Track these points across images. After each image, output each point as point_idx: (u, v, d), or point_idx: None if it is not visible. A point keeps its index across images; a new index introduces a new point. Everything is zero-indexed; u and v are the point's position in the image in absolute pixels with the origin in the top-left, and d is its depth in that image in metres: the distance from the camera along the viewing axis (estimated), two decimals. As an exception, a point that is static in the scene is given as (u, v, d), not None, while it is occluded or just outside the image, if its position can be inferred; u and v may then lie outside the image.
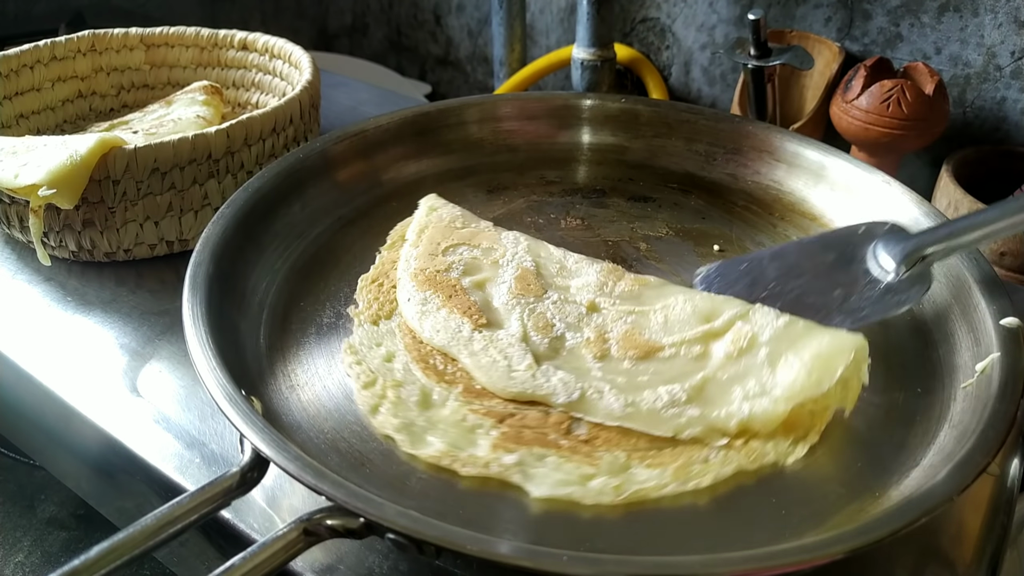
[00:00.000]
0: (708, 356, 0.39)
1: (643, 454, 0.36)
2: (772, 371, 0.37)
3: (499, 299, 0.44)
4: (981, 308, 0.41)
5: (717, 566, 0.28)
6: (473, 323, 0.42)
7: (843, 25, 0.76)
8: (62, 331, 0.48)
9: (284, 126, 0.55)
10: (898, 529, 0.29)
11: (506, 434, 0.37)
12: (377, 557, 0.35)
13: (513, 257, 0.46)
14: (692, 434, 0.36)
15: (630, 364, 0.40)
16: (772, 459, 0.36)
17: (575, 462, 0.36)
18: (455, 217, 0.49)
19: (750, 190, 0.56)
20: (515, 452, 0.36)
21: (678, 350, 0.40)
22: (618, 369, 0.39)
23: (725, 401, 0.37)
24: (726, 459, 0.36)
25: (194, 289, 0.40)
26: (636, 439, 0.37)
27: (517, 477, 0.35)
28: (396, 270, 0.47)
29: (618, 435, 0.37)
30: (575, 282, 0.45)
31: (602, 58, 0.78)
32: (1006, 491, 0.38)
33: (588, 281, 0.44)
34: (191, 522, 0.31)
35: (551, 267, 0.46)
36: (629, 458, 0.36)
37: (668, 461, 0.36)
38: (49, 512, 0.62)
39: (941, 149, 0.71)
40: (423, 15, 1.12)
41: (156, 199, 0.50)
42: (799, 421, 0.37)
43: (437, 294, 0.44)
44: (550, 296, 0.44)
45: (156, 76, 0.70)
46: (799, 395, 0.36)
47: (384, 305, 0.45)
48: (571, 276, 0.45)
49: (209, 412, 0.42)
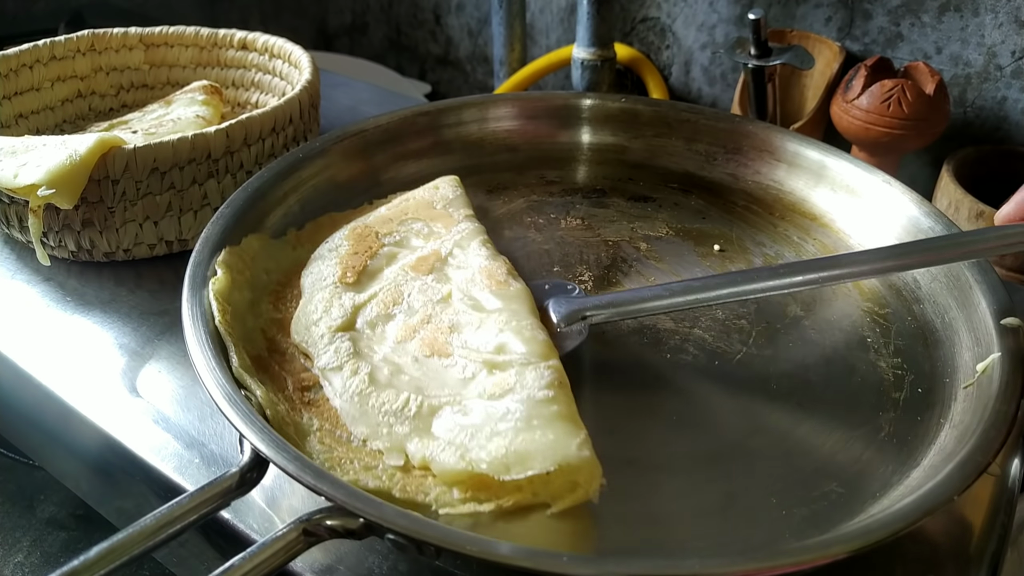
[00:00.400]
0: (474, 382, 0.37)
1: (329, 436, 0.36)
2: (491, 432, 0.34)
3: (390, 270, 0.44)
4: (981, 308, 0.41)
5: (717, 566, 0.28)
6: (341, 277, 0.43)
7: (843, 25, 0.76)
8: (61, 331, 0.48)
9: (284, 126, 0.55)
10: (899, 529, 0.29)
11: (260, 358, 0.39)
12: (377, 557, 0.35)
13: (440, 242, 0.46)
14: (377, 447, 0.35)
15: (412, 358, 0.39)
16: (425, 502, 0.33)
17: (278, 408, 0.36)
18: (446, 199, 0.50)
19: (750, 190, 0.56)
20: (251, 376, 0.37)
21: (458, 363, 0.38)
22: (398, 360, 0.39)
23: (434, 435, 0.35)
24: (381, 476, 0.34)
25: (194, 289, 0.40)
26: (343, 424, 0.37)
27: (234, 361, 0.37)
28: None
29: (334, 412, 0.37)
30: (461, 272, 0.44)
31: (602, 58, 0.78)
32: (1007, 491, 0.38)
33: (467, 274, 0.43)
34: (191, 522, 0.30)
35: (460, 256, 0.45)
36: (318, 430, 0.36)
37: (341, 451, 0.35)
38: (48, 512, 0.62)
39: (941, 149, 0.71)
40: (423, 15, 1.12)
41: (155, 199, 0.50)
42: (487, 485, 0.33)
43: (349, 244, 0.46)
44: (429, 277, 0.43)
45: (155, 76, 0.70)
46: (485, 468, 0.33)
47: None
48: (465, 267, 0.44)
49: (208, 412, 0.42)
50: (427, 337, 0.40)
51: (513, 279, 0.43)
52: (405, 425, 0.36)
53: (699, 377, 0.41)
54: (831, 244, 0.51)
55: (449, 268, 0.44)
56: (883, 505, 0.33)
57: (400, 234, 0.47)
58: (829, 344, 0.44)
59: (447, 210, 0.49)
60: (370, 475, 0.34)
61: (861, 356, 0.43)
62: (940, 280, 0.45)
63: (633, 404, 0.37)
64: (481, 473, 0.33)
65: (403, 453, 0.35)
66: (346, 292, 0.43)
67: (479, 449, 0.34)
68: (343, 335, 0.40)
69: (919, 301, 0.46)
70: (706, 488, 0.36)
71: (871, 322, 0.45)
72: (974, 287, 0.42)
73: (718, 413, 0.39)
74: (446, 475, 0.34)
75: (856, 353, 0.43)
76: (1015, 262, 0.61)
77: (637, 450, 0.37)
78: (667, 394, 0.40)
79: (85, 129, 0.63)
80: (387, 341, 0.40)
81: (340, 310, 0.42)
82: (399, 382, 0.38)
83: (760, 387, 0.41)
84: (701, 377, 0.41)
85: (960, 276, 0.43)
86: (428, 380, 0.38)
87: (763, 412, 0.39)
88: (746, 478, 0.36)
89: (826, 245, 0.51)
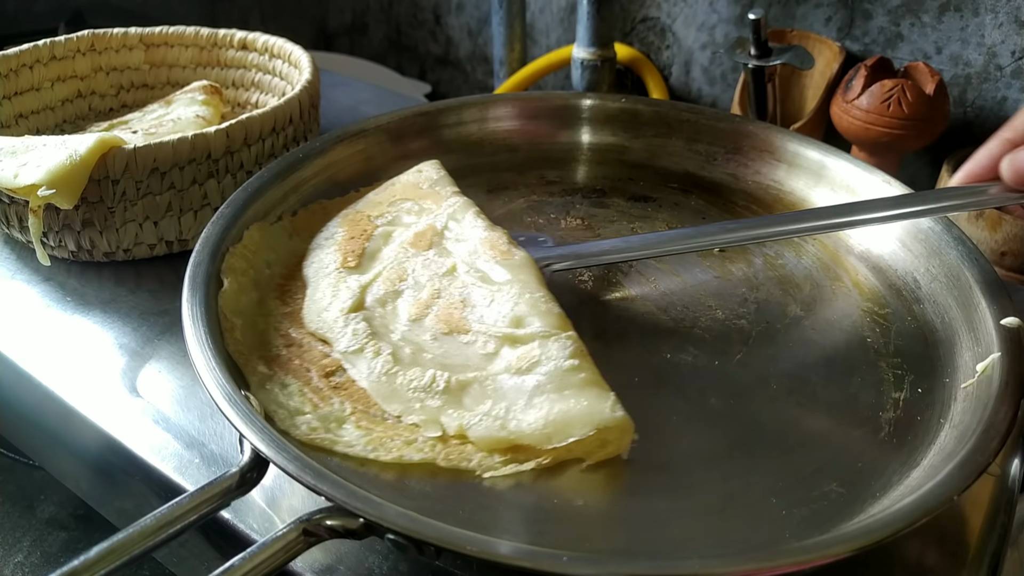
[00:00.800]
0: (497, 357, 0.39)
1: (364, 417, 0.37)
2: (526, 404, 0.36)
3: (389, 248, 0.45)
4: (981, 308, 0.41)
5: (717, 566, 0.28)
6: (342, 262, 0.44)
7: (843, 25, 0.76)
8: (61, 331, 0.48)
9: (284, 126, 0.55)
10: (899, 529, 0.29)
11: (280, 356, 0.39)
12: (377, 557, 0.35)
13: (434, 216, 0.47)
14: (413, 421, 0.37)
15: (431, 336, 0.40)
16: (471, 467, 0.35)
17: (306, 397, 0.37)
18: (431, 180, 0.51)
19: (750, 190, 0.56)
20: (271, 371, 0.38)
21: (477, 339, 0.39)
22: (417, 338, 0.40)
23: (468, 408, 0.37)
24: (423, 448, 0.36)
25: (194, 289, 0.40)
26: (375, 403, 0.38)
27: (254, 382, 0.37)
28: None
29: (364, 392, 0.38)
30: (461, 245, 0.45)
31: (602, 58, 0.78)
32: (1007, 491, 0.38)
33: (470, 247, 0.44)
34: (190, 522, 0.30)
35: (456, 228, 0.46)
36: (352, 414, 0.37)
37: (378, 430, 0.36)
38: (49, 512, 0.62)
39: (941, 149, 0.71)
40: (423, 15, 1.12)
41: (155, 199, 0.50)
42: (525, 449, 0.36)
43: (344, 231, 0.46)
44: (430, 252, 0.44)
45: (155, 76, 0.70)
46: (527, 439, 0.35)
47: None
48: (464, 239, 0.45)
49: (208, 412, 0.42)
50: (442, 314, 0.41)
51: (515, 248, 0.44)
52: (436, 399, 0.37)
53: (699, 377, 0.41)
54: (831, 244, 0.51)
55: (448, 242, 0.45)
56: (883, 505, 0.33)
57: (392, 215, 0.48)
58: (829, 344, 0.44)
59: (434, 189, 0.50)
60: (412, 449, 0.36)
61: (861, 356, 0.43)
62: (940, 280, 0.45)
63: (633, 404, 0.36)
64: (523, 443, 0.35)
65: (439, 424, 0.36)
66: (350, 275, 0.43)
67: (517, 420, 0.36)
68: (356, 315, 0.41)
69: (919, 301, 0.46)
70: (706, 488, 0.36)
71: (871, 322, 0.45)
72: (974, 287, 0.42)
73: (718, 413, 0.39)
74: (486, 443, 0.36)
75: (856, 353, 0.43)
76: (1015, 262, 0.61)
77: (637, 450, 0.37)
78: (667, 394, 0.40)
79: (85, 129, 0.63)
80: (400, 318, 0.41)
81: (348, 292, 0.42)
82: (423, 360, 0.39)
83: (760, 387, 0.41)
84: (701, 377, 0.41)
85: (960, 276, 0.43)
86: (451, 358, 0.39)
87: (763, 412, 0.39)
88: (746, 478, 0.36)
89: (826, 245, 0.51)
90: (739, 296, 0.47)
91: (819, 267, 0.49)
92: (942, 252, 0.45)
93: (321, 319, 0.41)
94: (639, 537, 0.33)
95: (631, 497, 0.35)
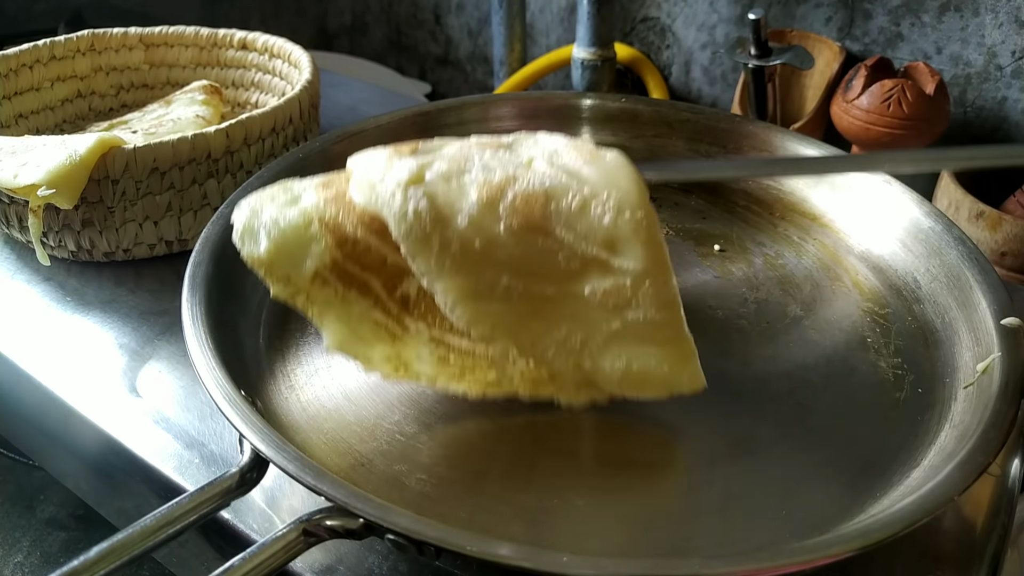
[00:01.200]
0: (581, 280, 0.34)
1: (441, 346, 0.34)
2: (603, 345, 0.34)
3: (449, 146, 0.37)
4: (981, 308, 0.41)
5: (717, 566, 0.28)
6: (396, 149, 0.36)
7: (844, 25, 0.76)
8: (61, 331, 0.48)
9: (284, 126, 0.55)
10: (899, 530, 0.29)
11: (335, 261, 0.34)
12: (377, 558, 0.35)
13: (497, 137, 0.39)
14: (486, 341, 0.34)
15: (505, 228, 0.33)
16: (549, 396, 0.35)
17: (380, 323, 0.34)
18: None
19: (750, 190, 0.56)
20: (330, 285, 0.33)
21: (558, 250, 0.33)
22: (489, 228, 0.33)
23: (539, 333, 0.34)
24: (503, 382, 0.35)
25: (193, 289, 0.40)
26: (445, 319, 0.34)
27: (315, 312, 0.33)
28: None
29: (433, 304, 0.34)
30: (538, 147, 0.37)
31: (602, 58, 0.78)
32: (1007, 491, 0.38)
33: (549, 147, 0.37)
34: (190, 523, 0.30)
35: (528, 141, 0.38)
36: (430, 341, 0.34)
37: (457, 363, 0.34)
38: (48, 512, 0.62)
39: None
40: (423, 15, 1.12)
41: (155, 199, 0.50)
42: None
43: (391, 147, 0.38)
44: (500, 150, 0.37)
45: (155, 76, 0.70)
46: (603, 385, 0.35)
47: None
48: (542, 143, 0.38)
49: (208, 412, 0.42)
50: (519, 204, 0.33)
51: (605, 149, 0.36)
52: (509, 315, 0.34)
53: (699, 377, 0.41)
54: (831, 244, 0.51)
55: (521, 147, 0.37)
56: (883, 505, 0.33)
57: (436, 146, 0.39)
58: (829, 344, 0.44)
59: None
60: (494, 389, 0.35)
61: (861, 356, 0.43)
62: (940, 280, 0.45)
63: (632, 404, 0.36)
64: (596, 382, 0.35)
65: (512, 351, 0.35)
66: (406, 157, 0.36)
67: (593, 360, 0.35)
68: (416, 188, 0.33)
69: (919, 301, 0.46)
70: (706, 488, 0.36)
71: (871, 322, 0.45)
72: (974, 287, 0.42)
73: (718, 413, 0.39)
74: (561, 376, 0.35)
75: (856, 353, 0.43)
76: (1015, 262, 0.61)
77: (637, 450, 0.37)
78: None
79: (85, 129, 0.63)
80: (469, 197, 0.34)
81: (405, 167, 0.35)
82: (494, 259, 0.33)
83: (760, 387, 0.41)
84: (701, 377, 0.41)
85: (960, 276, 0.43)
86: (526, 262, 0.33)
87: (763, 412, 0.39)
88: (746, 478, 0.36)
89: (826, 245, 0.51)
90: (739, 296, 0.47)
91: (819, 267, 0.49)
92: (942, 252, 0.45)
93: (374, 191, 0.34)
94: (639, 537, 0.33)
95: (631, 497, 0.35)
